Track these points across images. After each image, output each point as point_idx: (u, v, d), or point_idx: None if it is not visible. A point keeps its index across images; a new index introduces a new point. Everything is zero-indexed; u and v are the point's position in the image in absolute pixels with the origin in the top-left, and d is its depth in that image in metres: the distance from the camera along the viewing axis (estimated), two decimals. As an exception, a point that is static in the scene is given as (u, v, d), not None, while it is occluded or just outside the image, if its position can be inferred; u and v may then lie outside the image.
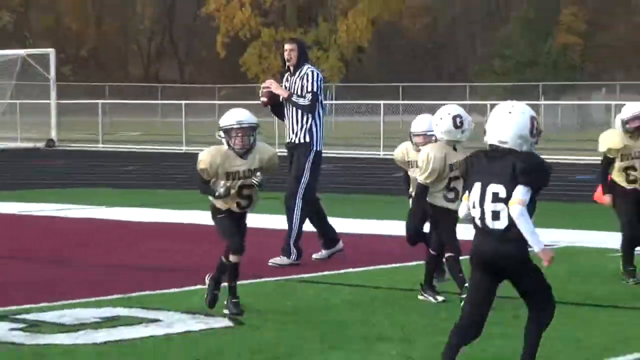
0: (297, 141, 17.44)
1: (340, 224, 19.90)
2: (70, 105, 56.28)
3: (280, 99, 17.64)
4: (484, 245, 9.19)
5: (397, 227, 17.48)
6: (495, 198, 9.06)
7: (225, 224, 12.76)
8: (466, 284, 12.85)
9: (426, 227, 14.44)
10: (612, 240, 17.55)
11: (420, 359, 10.94)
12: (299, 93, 17.30)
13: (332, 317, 12.67)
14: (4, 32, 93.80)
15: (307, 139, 17.44)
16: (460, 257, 13.56)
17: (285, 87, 17.52)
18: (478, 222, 9.23)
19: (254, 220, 16.57)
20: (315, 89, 17.29)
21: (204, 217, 23.08)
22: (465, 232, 13.20)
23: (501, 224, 9.04)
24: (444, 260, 13.93)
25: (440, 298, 13.74)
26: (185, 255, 18.23)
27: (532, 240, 8.98)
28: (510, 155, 9.14)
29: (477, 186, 9.22)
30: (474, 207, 9.34)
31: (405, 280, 14.79)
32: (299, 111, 17.31)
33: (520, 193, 8.96)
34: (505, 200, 9.01)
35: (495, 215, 9.07)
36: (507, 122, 9.27)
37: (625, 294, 14.54)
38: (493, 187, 9.09)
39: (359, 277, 15.55)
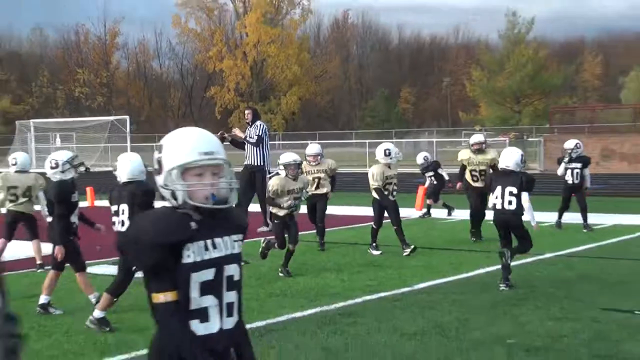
0: (255, 164, 17.36)
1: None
2: (136, 147, 55.47)
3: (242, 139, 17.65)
4: (502, 216, 10.49)
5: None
6: (511, 194, 10.39)
7: (278, 228, 11.79)
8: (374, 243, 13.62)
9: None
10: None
11: (349, 280, 10.92)
12: (252, 136, 17.30)
13: (296, 259, 12.46)
14: (99, 107, 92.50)
15: (261, 163, 17.41)
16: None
17: (247, 134, 17.51)
18: (499, 206, 10.49)
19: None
20: (260, 134, 17.33)
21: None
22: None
23: (512, 207, 10.38)
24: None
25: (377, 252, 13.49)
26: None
27: (531, 217, 10.50)
28: (519, 173, 10.53)
29: (499, 188, 10.49)
30: (496, 198, 10.54)
31: (337, 238, 14.67)
32: (253, 146, 17.27)
33: (525, 199, 10.32)
34: (515, 195, 10.36)
35: (510, 202, 10.40)
36: (510, 156, 10.65)
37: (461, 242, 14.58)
38: (509, 189, 10.40)
39: (308, 237, 14.95)
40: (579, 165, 15.98)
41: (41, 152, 52.15)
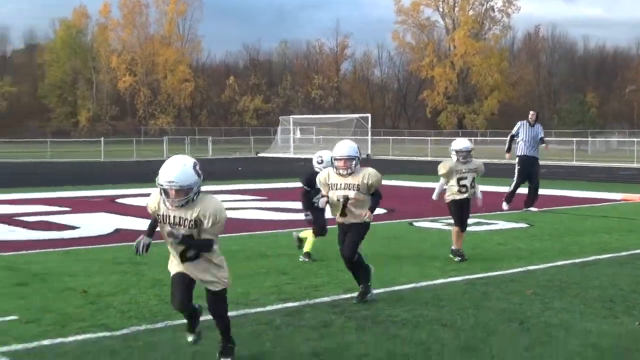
0: (536, 156, 16.79)
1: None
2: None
3: None
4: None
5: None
6: None
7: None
8: None
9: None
10: None
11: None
12: (539, 133, 16.75)
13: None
14: (329, 106, 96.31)
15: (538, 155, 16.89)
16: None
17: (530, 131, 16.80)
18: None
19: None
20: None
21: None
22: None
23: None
24: None
25: None
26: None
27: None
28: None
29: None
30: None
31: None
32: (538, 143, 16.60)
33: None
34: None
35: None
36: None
37: None
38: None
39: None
40: None
41: (284, 142, 55.65)
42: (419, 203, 17.63)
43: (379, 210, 16.30)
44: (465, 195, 10.06)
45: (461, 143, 10.12)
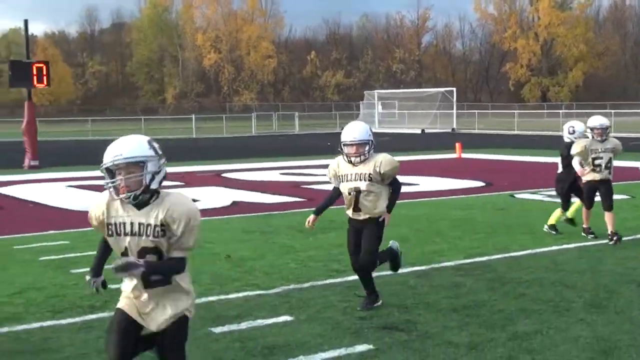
0: None
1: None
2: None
3: None
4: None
5: None
6: None
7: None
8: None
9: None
10: None
11: None
12: None
13: None
14: (411, 80, 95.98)
15: None
16: None
17: None
18: None
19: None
20: None
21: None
22: None
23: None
24: None
25: None
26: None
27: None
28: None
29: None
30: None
31: None
32: None
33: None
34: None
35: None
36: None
37: None
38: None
39: None
40: None
41: (367, 117, 55.59)
42: (516, 176, 18.08)
43: (475, 183, 16.92)
44: (600, 176, 9.48)
45: (597, 120, 9.52)
